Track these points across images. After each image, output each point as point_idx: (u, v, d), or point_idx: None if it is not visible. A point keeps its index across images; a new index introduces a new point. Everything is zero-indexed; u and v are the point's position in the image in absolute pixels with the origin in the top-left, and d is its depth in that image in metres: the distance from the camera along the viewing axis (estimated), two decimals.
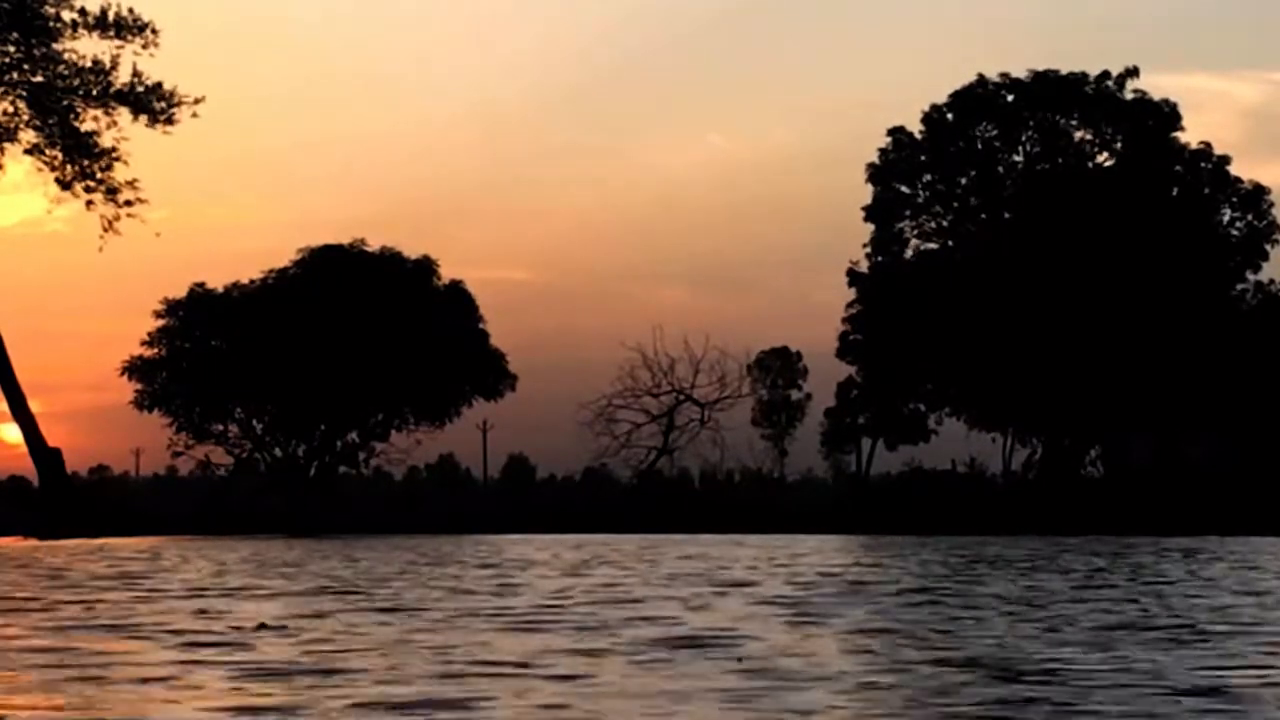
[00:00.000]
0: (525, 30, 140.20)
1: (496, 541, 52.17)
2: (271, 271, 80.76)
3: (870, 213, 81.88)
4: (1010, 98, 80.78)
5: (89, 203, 70.73)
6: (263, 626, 16.83)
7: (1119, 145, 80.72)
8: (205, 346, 79.52)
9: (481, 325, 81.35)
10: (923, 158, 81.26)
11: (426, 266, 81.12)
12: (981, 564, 32.31)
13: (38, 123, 70.75)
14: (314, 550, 42.81)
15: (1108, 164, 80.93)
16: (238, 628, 16.64)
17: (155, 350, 79.54)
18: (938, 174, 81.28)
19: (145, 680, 11.90)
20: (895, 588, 23.76)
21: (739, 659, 13.49)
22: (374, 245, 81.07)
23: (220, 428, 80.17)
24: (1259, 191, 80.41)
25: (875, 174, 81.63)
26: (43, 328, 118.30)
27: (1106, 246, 77.63)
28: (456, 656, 13.48)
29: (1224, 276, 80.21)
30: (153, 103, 70.28)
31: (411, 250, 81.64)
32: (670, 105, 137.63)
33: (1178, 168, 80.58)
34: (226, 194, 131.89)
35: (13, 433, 73.12)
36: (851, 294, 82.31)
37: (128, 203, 70.71)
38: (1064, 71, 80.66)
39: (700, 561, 33.98)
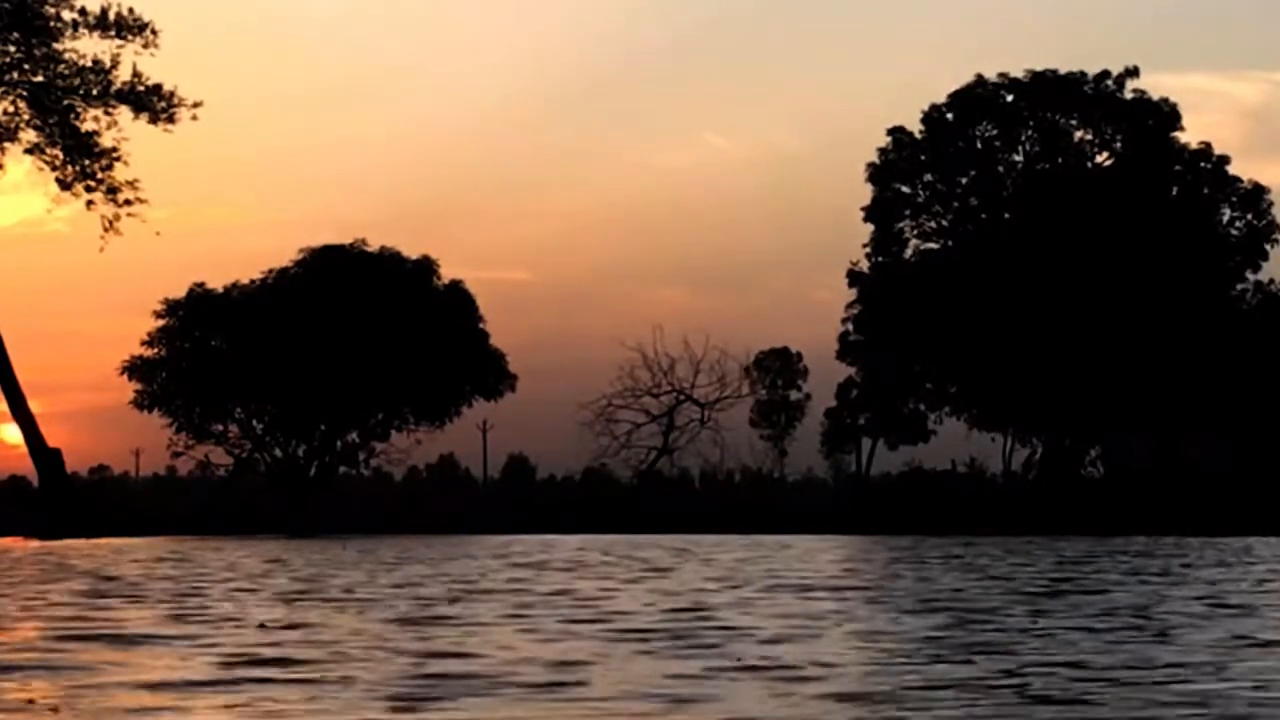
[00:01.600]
0: (525, 31, 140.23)
1: (524, 542, 51.79)
2: (271, 271, 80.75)
3: (870, 213, 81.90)
4: (1010, 98, 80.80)
5: (89, 203, 70.82)
6: (263, 626, 16.67)
7: (1119, 145, 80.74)
8: (205, 346, 79.43)
9: (481, 325, 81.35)
10: (923, 158, 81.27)
11: (426, 266, 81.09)
12: (1062, 565, 31.66)
13: (38, 122, 70.76)
14: (337, 549, 42.60)
15: (1108, 164, 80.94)
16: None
17: (155, 350, 79.46)
18: (938, 174, 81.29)
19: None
20: (1026, 591, 22.72)
21: (737, 659, 13.12)
22: (374, 245, 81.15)
23: (220, 428, 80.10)
24: (1259, 191, 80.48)
25: (875, 174, 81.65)
26: (43, 328, 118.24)
27: (1106, 247, 77.64)
28: (634, 678, 11.88)
29: (1224, 276, 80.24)
30: (153, 102, 70.35)
31: (411, 250, 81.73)
32: (670, 105, 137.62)
33: (1177, 168, 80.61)
34: (227, 194, 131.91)
35: (13, 433, 73.19)
36: (851, 294, 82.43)
37: (128, 202, 70.77)
38: (1064, 71, 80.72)
39: (764, 563, 33.10)
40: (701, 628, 16.33)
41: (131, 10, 70.38)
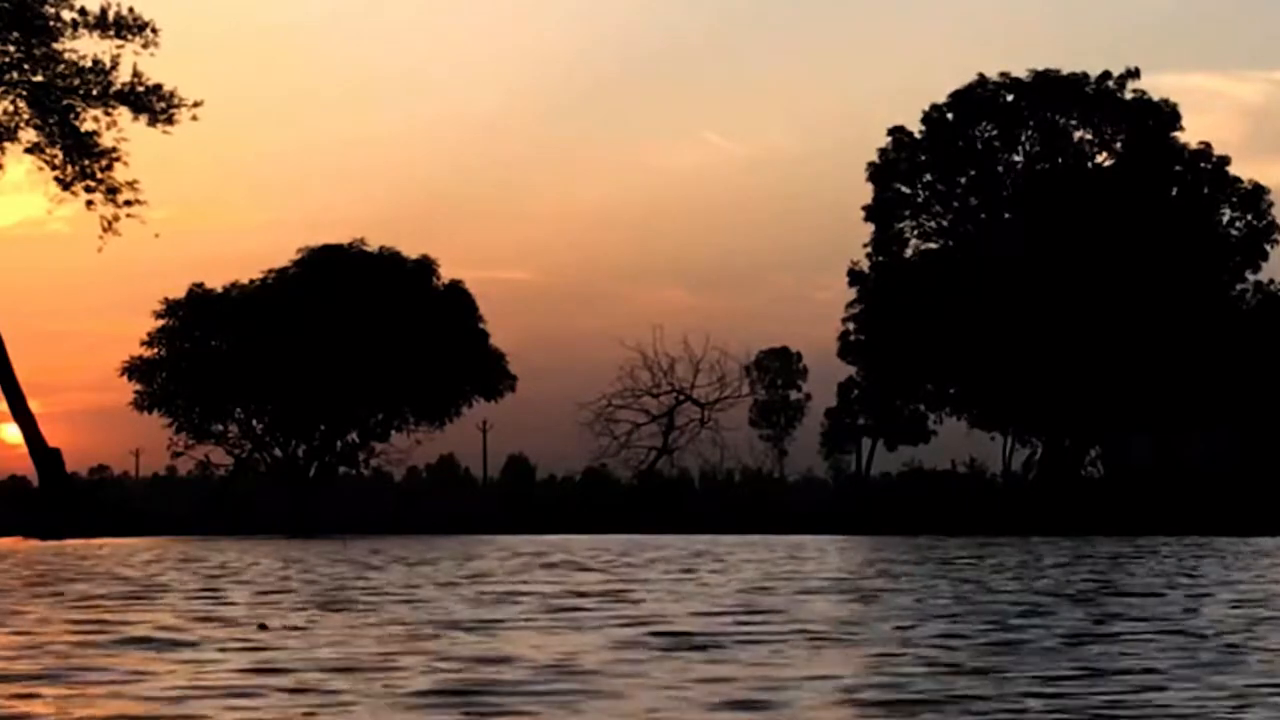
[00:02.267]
0: (525, 31, 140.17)
1: (532, 543, 51.66)
2: (271, 272, 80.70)
3: (870, 213, 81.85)
4: (1010, 98, 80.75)
5: (89, 203, 70.84)
6: (262, 627, 16.61)
7: (1119, 145, 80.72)
8: (205, 347, 79.39)
9: (481, 325, 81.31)
10: (923, 157, 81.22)
11: (426, 266, 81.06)
12: (1118, 566, 31.53)
13: (38, 122, 70.72)
14: (339, 550, 42.46)
15: (1108, 164, 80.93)
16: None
17: (155, 350, 79.43)
18: (938, 174, 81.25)
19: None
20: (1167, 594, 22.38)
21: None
22: (374, 245, 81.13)
23: (220, 428, 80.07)
24: (1259, 191, 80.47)
25: (875, 174, 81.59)
26: (43, 328, 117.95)
27: (1106, 246, 77.63)
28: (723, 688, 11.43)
29: (1224, 276, 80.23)
30: (153, 103, 70.30)
31: (411, 250, 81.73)
32: (670, 105, 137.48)
33: (1178, 168, 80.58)
34: (226, 194, 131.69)
35: (13, 433, 73.20)
36: (852, 294, 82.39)
37: (128, 203, 70.79)
38: (1064, 71, 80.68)
39: (793, 565, 32.80)
40: (760, 632, 15.96)
41: (131, 10, 70.46)
